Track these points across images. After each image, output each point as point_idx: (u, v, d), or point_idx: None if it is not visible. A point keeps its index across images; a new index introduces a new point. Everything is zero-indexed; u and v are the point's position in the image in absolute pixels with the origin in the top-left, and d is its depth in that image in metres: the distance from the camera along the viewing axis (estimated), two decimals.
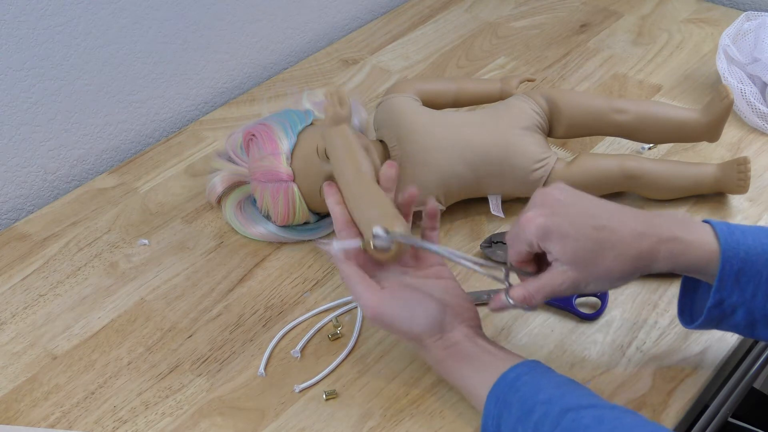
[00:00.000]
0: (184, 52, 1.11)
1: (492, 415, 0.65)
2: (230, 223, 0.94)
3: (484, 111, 0.93)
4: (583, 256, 0.66)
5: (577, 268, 0.66)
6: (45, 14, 0.94)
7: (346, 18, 1.31)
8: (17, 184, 1.01)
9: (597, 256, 0.65)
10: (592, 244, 0.65)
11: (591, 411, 0.61)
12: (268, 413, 0.75)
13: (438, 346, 0.70)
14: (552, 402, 0.62)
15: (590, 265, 0.66)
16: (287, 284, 0.87)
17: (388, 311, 0.70)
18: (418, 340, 0.71)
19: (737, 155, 0.97)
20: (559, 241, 0.66)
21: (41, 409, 0.77)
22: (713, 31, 1.22)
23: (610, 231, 0.65)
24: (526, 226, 0.67)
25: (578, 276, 0.66)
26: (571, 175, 0.89)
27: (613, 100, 0.93)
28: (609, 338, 0.79)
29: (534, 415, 0.62)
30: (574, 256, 0.66)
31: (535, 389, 0.64)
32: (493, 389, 0.66)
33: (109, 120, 1.07)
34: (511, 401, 0.64)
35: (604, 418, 0.60)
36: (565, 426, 0.60)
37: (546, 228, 0.66)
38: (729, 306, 0.66)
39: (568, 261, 0.66)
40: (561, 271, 0.67)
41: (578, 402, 0.62)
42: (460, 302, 0.72)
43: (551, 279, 0.67)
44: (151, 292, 0.88)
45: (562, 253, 0.66)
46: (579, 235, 0.65)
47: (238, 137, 0.95)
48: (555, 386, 0.64)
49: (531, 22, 1.28)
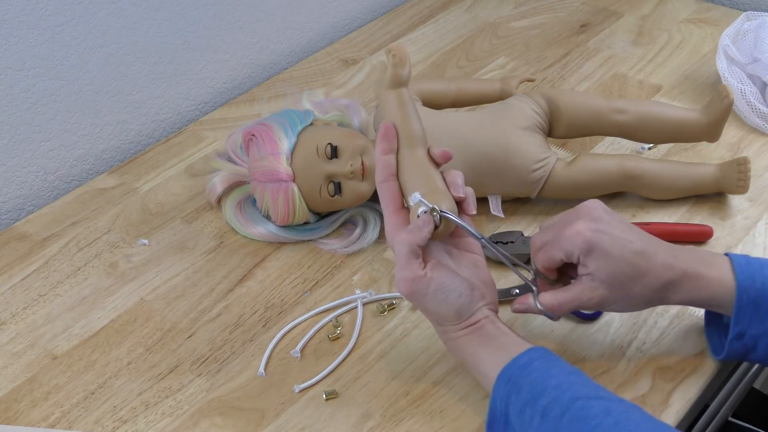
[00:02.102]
0: (184, 52, 1.11)
1: (501, 396, 0.65)
2: (230, 223, 0.94)
3: (484, 111, 0.93)
4: (619, 278, 0.67)
5: (610, 287, 0.67)
6: (45, 14, 0.94)
7: (346, 18, 1.31)
8: (17, 184, 1.01)
9: (630, 281, 0.67)
10: (630, 269, 0.67)
11: (600, 402, 0.61)
12: (268, 413, 0.75)
13: (457, 327, 0.70)
14: (562, 388, 0.62)
15: (622, 288, 0.67)
16: (287, 284, 0.87)
17: (422, 291, 0.68)
18: (439, 322, 0.71)
19: (737, 155, 0.97)
20: (601, 258, 0.67)
21: (41, 409, 0.77)
22: (713, 31, 1.22)
23: (647, 258, 0.67)
24: (573, 237, 0.67)
25: (608, 295, 0.68)
26: (571, 175, 0.89)
27: (613, 100, 0.93)
28: (609, 338, 0.79)
29: (543, 399, 0.62)
30: (610, 276, 0.67)
31: (547, 375, 0.64)
32: (505, 370, 0.66)
33: (109, 120, 1.07)
34: (521, 384, 0.64)
35: (612, 410, 0.60)
36: (573, 413, 0.60)
37: (592, 244, 0.66)
38: (750, 338, 0.67)
39: (603, 279, 0.67)
40: (592, 287, 0.68)
41: (587, 392, 0.62)
42: (485, 283, 0.72)
43: (581, 293, 0.68)
44: (151, 292, 0.88)
45: (599, 271, 0.67)
46: (620, 256, 0.66)
47: (238, 137, 0.95)
48: (566, 374, 0.64)
49: (531, 22, 1.28)
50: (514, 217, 0.92)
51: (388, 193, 0.71)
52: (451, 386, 0.76)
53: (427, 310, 0.70)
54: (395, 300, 0.84)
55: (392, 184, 0.71)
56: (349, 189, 0.88)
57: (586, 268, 0.68)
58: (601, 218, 0.68)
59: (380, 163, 0.71)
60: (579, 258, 0.67)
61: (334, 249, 0.90)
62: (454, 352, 0.72)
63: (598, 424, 0.59)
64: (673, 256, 0.68)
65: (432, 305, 0.69)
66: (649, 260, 0.67)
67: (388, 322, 0.82)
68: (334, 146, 0.87)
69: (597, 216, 0.68)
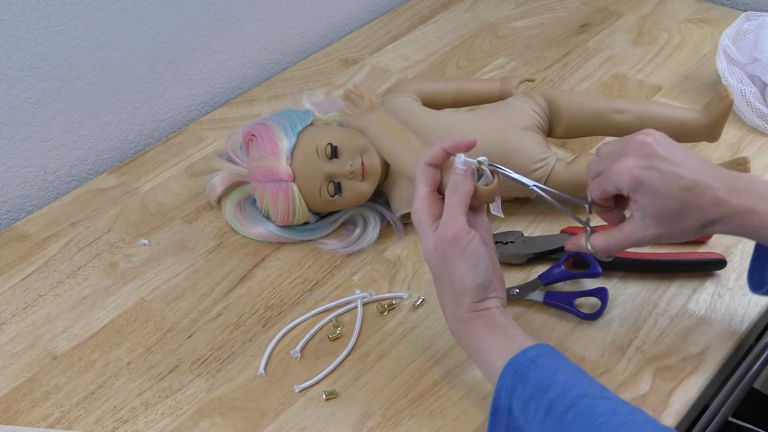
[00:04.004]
0: (184, 52, 1.11)
1: (506, 387, 0.65)
2: (230, 223, 0.94)
3: (483, 111, 0.93)
4: (667, 214, 0.67)
5: (659, 224, 0.68)
6: (45, 14, 0.94)
7: (346, 18, 1.31)
8: (17, 184, 1.01)
9: (678, 216, 0.67)
10: (677, 205, 0.67)
11: (606, 402, 0.61)
12: (268, 413, 0.75)
13: (471, 307, 0.70)
14: (569, 384, 0.63)
15: (671, 224, 0.67)
16: (287, 284, 0.87)
17: (462, 245, 0.69)
18: (460, 292, 0.70)
19: (737, 155, 0.97)
20: (649, 195, 0.67)
21: (41, 409, 0.77)
22: (713, 31, 1.22)
23: (695, 194, 0.67)
24: (621, 173, 0.67)
25: (659, 232, 0.68)
26: (571, 175, 0.89)
27: (613, 100, 0.93)
28: (609, 338, 0.79)
29: (550, 393, 0.62)
30: (658, 213, 0.67)
31: (554, 370, 0.64)
32: (512, 362, 0.66)
33: (109, 120, 1.07)
34: (528, 376, 0.64)
35: (618, 411, 0.60)
36: (579, 409, 0.60)
37: (640, 181, 0.67)
38: None
39: (652, 216, 0.67)
40: (643, 225, 0.68)
41: (594, 391, 0.63)
42: (498, 279, 0.73)
43: (633, 233, 0.69)
44: (150, 292, 0.88)
45: (648, 207, 0.67)
46: (667, 193, 0.66)
47: (238, 137, 0.95)
48: (573, 371, 0.65)
49: (531, 22, 1.28)
50: (514, 217, 0.92)
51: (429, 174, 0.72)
52: (451, 386, 0.76)
53: (454, 273, 0.69)
54: (395, 300, 0.84)
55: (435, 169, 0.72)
56: (349, 189, 0.88)
57: (636, 204, 0.68)
58: (652, 153, 0.67)
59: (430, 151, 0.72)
60: (628, 194, 0.68)
61: (334, 249, 0.90)
62: (461, 336, 0.72)
63: (603, 423, 0.59)
64: (728, 190, 0.67)
65: (463, 267, 0.69)
66: (698, 196, 0.67)
67: (388, 322, 0.82)
68: (334, 146, 0.87)
69: (648, 152, 0.67)
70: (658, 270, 0.84)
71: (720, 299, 0.82)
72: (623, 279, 0.84)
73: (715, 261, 0.84)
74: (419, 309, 0.83)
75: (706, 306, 0.81)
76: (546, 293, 0.82)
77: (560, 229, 0.89)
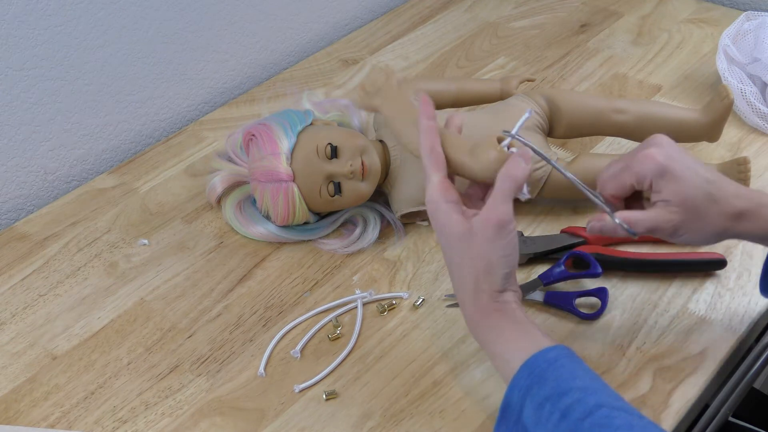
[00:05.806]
0: (184, 52, 1.11)
1: (520, 386, 0.64)
2: (230, 223, 0.94)
3: (483, 111, 0.93)
4: (692, 203, 0.67)
5: (683, 212, 0.68)
6: (45, 14, 0.94)
7: (346, 18, 1.31)
8: (17, 184, 1.01)
9: (703, 206, 0.68)
10: (703, 195, 0.67)
11: (623, 414, 0.60)
12: (268, 413, 0.75)
13: (492, 298, 0.69)
14: (587, 391, 0.62)
15: (695, 214, 0.68)
16: (287, 284, 0.87)
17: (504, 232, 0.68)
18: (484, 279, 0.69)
19: (737, 155, 0.97)
20: (674, 182, 0.67)
21: (41, 409, 0.77)
22: (713, 31, 1.22)
23: (718, 187, 0.68)
24: (645, 161, 0.68)
25: (682, 221, 0.68)
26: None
27: (613, 100, 0.93)
28: (609, 338, 0.79)
29: (567, 399, 0.61)
30: (684, 200, 0.67)
31: (573, 375, 0.64)
32: (529, 362, 0.65)
33: (109, 120, 1.07)
34: (547, 378, 0.63)
35: (635, 425, 0.59)
36: (596, 419, 0.60)
37: (665, 167, 0.67)
38: None
39: (677, 203, 0.68)
40: (669, 210, 0.68)
41: (611, 401, 0.62)
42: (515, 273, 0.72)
43: (658, 215, 0.69)
44: (150, 292, 0.88)
45: (674, 195, 0.67)
46: (692, 182, 0.67)
47: (238, 137, 0.95)
48: (591, 378, 0.64)
49: (531, 22, 1.28)
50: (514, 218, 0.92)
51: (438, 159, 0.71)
52: (451, 386, 0.76)
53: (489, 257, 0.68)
54: (395, 300, 0.84)
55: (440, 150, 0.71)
56: (349, 189, 0.88)
57: (660, 194, 0.68)
58: (673, 146, 0.69)
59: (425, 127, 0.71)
60: (651, 182, 0.68)
61: (334, 249, 0.90)
62: (478, 326, 0.70)
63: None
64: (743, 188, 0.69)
65: (499, 253, 0.68)
66: (720, 189, 0.68)
67: (388, 322, 0.82)
68: (334, 146, 0.87)
69: (668, 143, 0.69)
70: (658, 270, 0.85)
71: (720, 299, 0.82)
72: (623, 279, 0.84)
73: (715, 261, 0.84)
74: (419, 309, 0.83)
75: (706, 306, 0.81)
76: (546, 293, 0.82)
77: (560, 229, 0.89)
